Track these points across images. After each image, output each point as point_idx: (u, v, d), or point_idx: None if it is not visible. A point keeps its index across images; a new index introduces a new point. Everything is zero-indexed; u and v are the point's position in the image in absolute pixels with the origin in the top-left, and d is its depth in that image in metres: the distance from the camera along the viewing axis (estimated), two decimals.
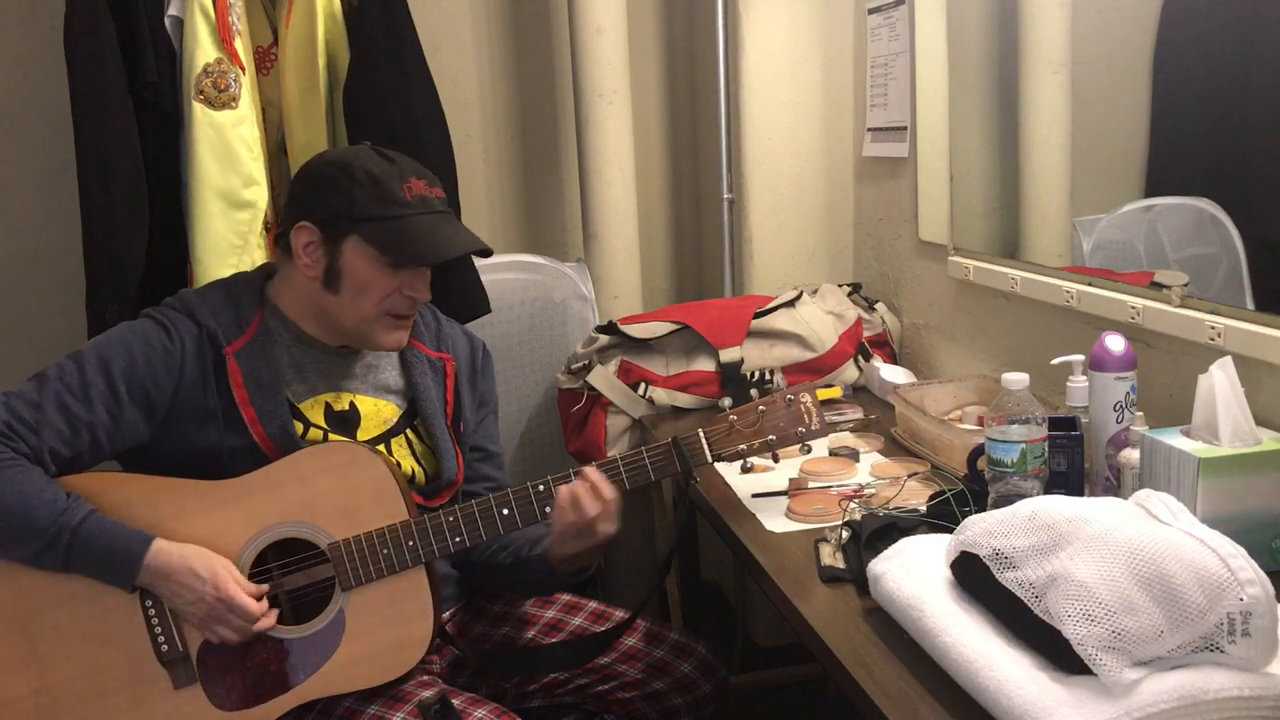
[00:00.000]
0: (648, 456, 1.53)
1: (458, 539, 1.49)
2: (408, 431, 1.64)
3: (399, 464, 1.60)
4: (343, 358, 1.62)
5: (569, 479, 1.51)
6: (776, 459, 1.62)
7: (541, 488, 1.51)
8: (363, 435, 1.61)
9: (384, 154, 1.56)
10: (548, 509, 1.51)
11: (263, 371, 1.54)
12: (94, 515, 1.41)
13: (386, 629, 1.48)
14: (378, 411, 1.63)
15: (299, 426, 1.55)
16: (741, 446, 1.56)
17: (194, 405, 1.51)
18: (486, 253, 1.58)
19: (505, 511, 1.51)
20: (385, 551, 1.47)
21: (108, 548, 1.40)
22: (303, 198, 1.56)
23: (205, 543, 1.45)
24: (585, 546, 1.51)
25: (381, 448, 1.60)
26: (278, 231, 1.60)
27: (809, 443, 1.59)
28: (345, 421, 1.60)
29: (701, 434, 1.56)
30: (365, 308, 1.54)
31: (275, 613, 1.46)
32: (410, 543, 1.48)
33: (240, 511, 1.48)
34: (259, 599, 1.45)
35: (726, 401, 1.63)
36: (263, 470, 1.49)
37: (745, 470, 1.59)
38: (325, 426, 1.58)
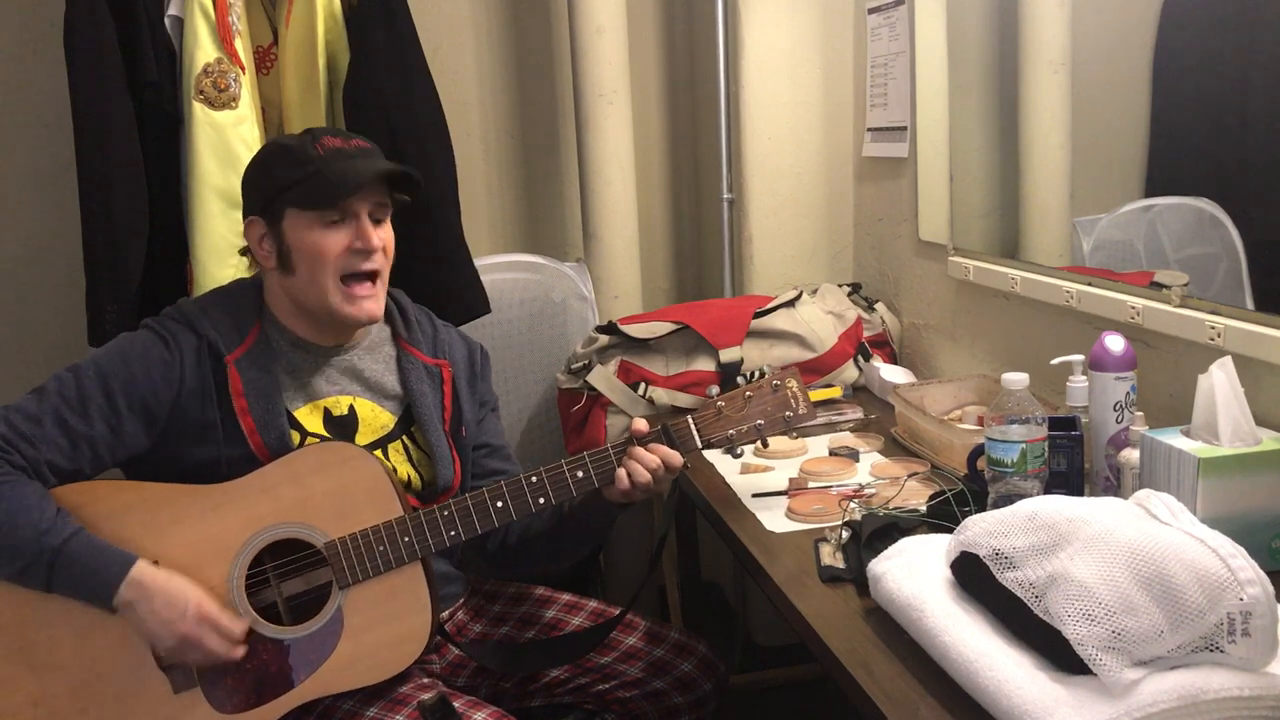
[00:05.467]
0: (638, 444, 1.54)
1: (453, 533, 1.50)
2: (404, 438, 1.64)
3: (395, 470, 1.60)
4: (340, 359, 1.62)
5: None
6: (765, 444, 1.65)
7: (534, 479, 1.52)
8: (359, 441, 1.60)
9: (304, 131, 1.60)
10: (541, 500, 1.52)
11: (262, 380, 1.54)
12: (78, 536, 1.39)
13: (385, 625, 1.48)
14: (375, 417, 1.63)
15: (296, 437, 1.55)
16: (730, 432, 1.58)
17: (193, 416, 1.51)
18: (410, 178, 1.58)
19: (499, 504, 1.52)
20: (382, 548, 1.47)
21: (89, 570, 1.39)
22: (244, 197, 1.62)
23: (203, 546, 1.45)
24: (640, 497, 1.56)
25: (378, 454, 1.60)
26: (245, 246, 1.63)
27: (796, 429, 1.60)
28: (344, 427, 1.60)
29: (690, 420, 1.58)
30: (322, 277, 1.54)
31: (244, 648, 1.45)
32: (406, 538, 1.48)
33: (236, 514, 1.47)
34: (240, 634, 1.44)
35: (714, 389, 1.65)
36: (258, 473, 1.49)
37: (735, 456, 1.59)
38: (323, 434, 1.58)
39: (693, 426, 1.57)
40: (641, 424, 1.57)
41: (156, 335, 1.54)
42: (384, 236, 1.58)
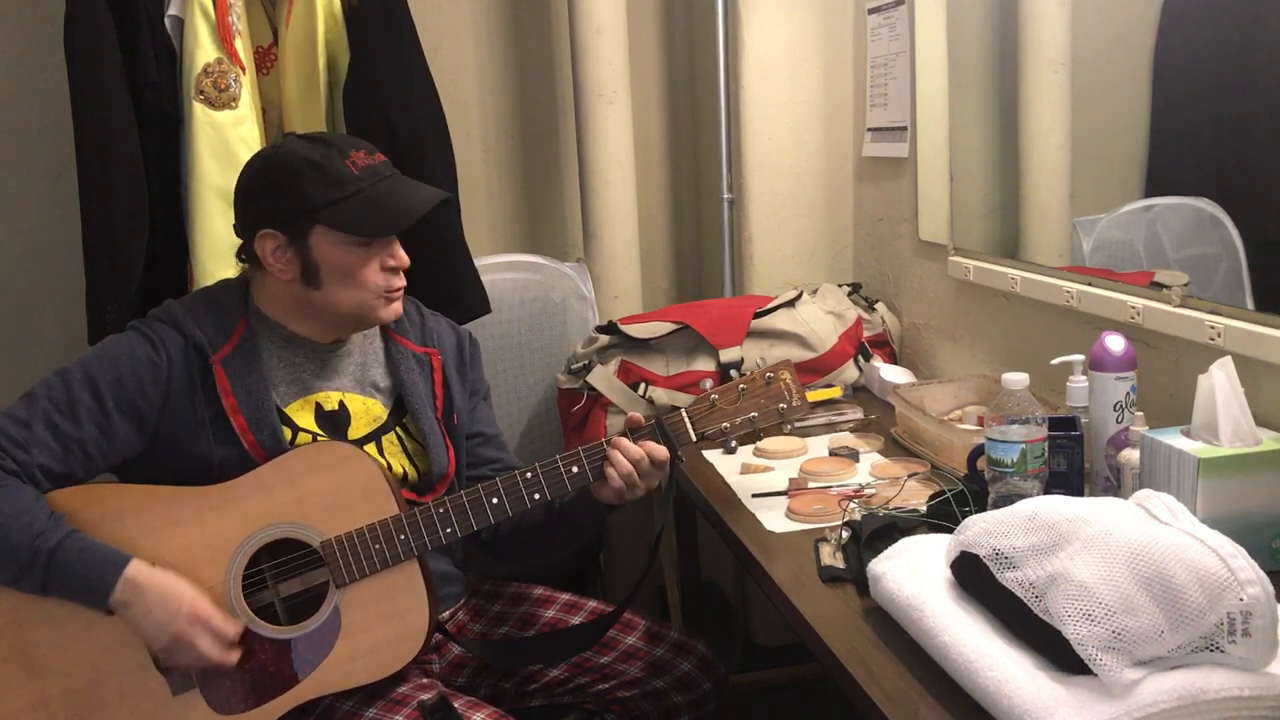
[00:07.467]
0: (632, 437, 1.54)
1: (449, 530, 1.50)
2: (397, 429, 1.64)
3: (390, 466, 1.60)
4: (332, 355, 1.62)
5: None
6: (760, 437, 1.64)
7: (529, 475, 1.52)
8: (353, 435, 1.60)
9: (312, 138, 1.56)
10: (536, 495, 1.52)
11: (250, 378, 1.54)
12: (71, 537, 1.39)
13: (382, 623, 1.48)
14: (367, 410, 1.63)
15: (287, 433, 1.55)
16: (724, 425, 1.58)
17: (183, 416, 1.51)
18: (450, 200, 1.60)
19: (494, 500, 1.52)
20: (378, 546, 1.47)
21: (84, 571, 1.39)
22: (254, 207, 1.55)
23: (199, 547, 1.45)
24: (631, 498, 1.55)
25: (372, 447, 1.60)
26: (239, 248, 1.59)
27: (791, 421, 1.60)
28: (335, 421, 1.60)
29: (684, 412, 1.58)
30: (356, 291, 1.54)
31: (238, 653, 1.45)
32: (402, 536, 1.48)
33: (232, 515, 1.47)
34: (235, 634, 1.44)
35: (708, 383, 1.65)
36: (253, 473, 1.49)
37: (730, 451, 1.57)
38: (315, 430, 1.58)
39: (686, 419, 1.57)
40: (637, 415, 1.58)
41: (143, 336, 1.53)
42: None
